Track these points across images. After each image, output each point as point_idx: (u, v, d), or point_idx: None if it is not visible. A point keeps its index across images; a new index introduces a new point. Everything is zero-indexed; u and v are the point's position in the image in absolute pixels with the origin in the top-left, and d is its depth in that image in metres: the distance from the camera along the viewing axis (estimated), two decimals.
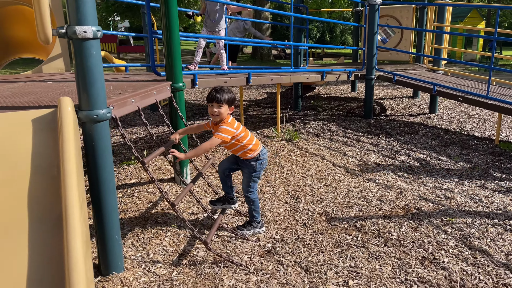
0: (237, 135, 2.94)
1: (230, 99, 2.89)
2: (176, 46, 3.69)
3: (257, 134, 6.21)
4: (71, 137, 2.08)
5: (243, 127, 3.05)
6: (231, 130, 2.89)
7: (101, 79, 2.37)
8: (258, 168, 3.06)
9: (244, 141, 2.98)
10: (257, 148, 3.04)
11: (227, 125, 2.90)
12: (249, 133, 3.06)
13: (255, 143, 3.05)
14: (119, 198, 3.81)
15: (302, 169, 4.62)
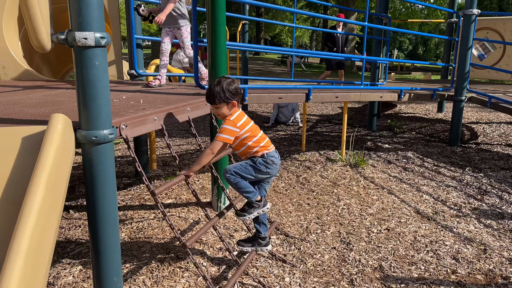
0: (242, 134, 2.51)
1: (226, 96, 2.47)
2: (221, 55, 3.27)
3: (318, 155, 5.61)
4: (47, 162, 1.72)
5: (252, 125, 2.59)
6: (232, 130, 2.48)
7: (105, 94, 2.01)
8: (259, 165, 2.55)
9: (251, 141, 2.54)
10: (265, 150, 2.57)
11: (228, 124, 2.49)
12: (259, 132, 2.61)
13: (264, 144, 2.58)
14: (149, 221, 3.48)
15: (362, 205, 3.93)
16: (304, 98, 4.30)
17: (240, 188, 2.60)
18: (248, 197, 2.63)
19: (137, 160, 2.30)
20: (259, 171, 2.57)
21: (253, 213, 2.66)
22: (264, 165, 2.56)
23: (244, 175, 2.56)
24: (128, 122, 2.31)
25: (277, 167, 2.63)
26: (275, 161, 2.60)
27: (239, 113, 2.57)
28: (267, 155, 2.57)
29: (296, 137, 6.84)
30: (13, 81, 4.14)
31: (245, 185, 2.59)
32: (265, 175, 2.61)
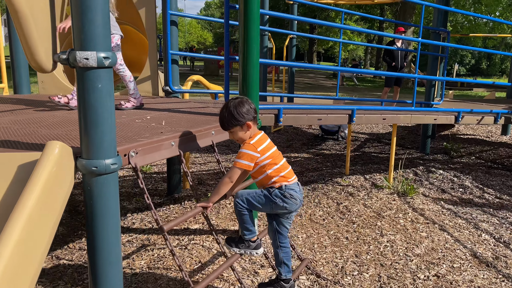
0: (262, 161, 2.24)
1: (236, 118, 2.22)
2: (253, 72, 3.01)
3: (364, 180, 5.18)
4: (31, 196, 1.54)
5: (274, 151, 2.30)
6: (252, 155, 2.21)
7: (108, 120, 1.80)
8: (274, 197, 2.26)
9: (271, 169, 2.25)
10: (284, 181, 2.27)
11: (247, 148, 2.23)
12: (281, 159, 2.31)
13: (285, 175, 2.28)
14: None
15: (409, 243, 3.49)
16: (346, 120, 3.94)
17: (242, 221, 2.35)
18: (244, 233, 2.38)
19: (146, 191, 2.08)
20: (274, 204, 2.27)
21: (240, 250, 2.41)
22: (280, 198, 2.26)
23: (255, 204, 2.29)
24: (139, 149, 2.10)
25: (297, 202, 2.31)
26: (295, 195, 2.28)
27: (261, 136, 2.30)
28: (286, 187, 2.26)
29: (341, 157, 6.43)
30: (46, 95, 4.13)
31: (247, 220, 2.33)
32: (281, 210, 2.31)
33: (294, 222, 3.86)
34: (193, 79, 4.51)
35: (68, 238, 3.46)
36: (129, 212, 4.03)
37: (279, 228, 2.40)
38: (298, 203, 2.32)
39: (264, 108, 3.46)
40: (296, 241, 3.45)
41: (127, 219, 3.86)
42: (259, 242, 2.44)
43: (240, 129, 2.25)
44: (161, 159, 2.31)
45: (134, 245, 3.34)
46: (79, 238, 3.47)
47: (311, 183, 5.03)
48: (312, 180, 5.15)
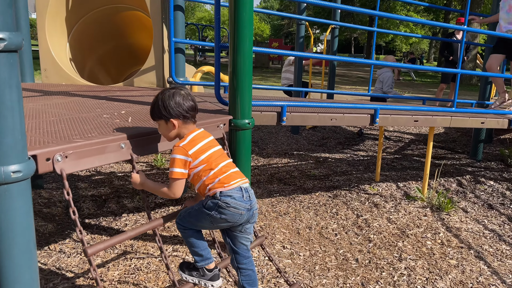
0: (195, 167, 1.88)
1: (161, 111, 1.91)
2: (245, 61, 2.56)
3: (395, 188, 4.55)
4: None
5: (212, 152, 1.93)
6: (183, 159, 1.87)
7: (8, 118, 1.45)
8: (207, 210, 1.88)
9: (206, 176, 1.87)
10: (224, 186, 1.88)
11: (176, 152, 1.89)
12: (221, 161, 1.93)
13: (222, 180, 1.88)
14: (150, 259, 2.92)
15: (432, 272, 2.89)
16: (368, 121, 3.37)
17: (189, 244, 1.99)
18: (195, 259, 1.99)
19: (72, 204, 1.72)
20: (210, 217, 1.88)
21: (193, 278, 2.02)
22: (215, 210, 1.87)
23: (193, 221, 1.94)
24: (69, 152, 1.74)
25: (239, 211, 1.89)
26: (232, 204, 1.86)
27: (194, 136, 1.94)
28: (221, 194, 1.86)
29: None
30: (48, 84, 3.94)
31: (194, 242, 1.95)
32: (223, 223, 1.91)
33: (300, 235, 3.38)
34: (203, 70, 4.13)
35: (52, 238, 3.24)
36: (126, 212, 3.75)
37: (234, 245, 2.02)
38: (244, 212, 1.90)
39: (263, 105, 3.00)
40: (296, 260, 2.98)
41: (120, 220, 3.58)
42: (217, 273, 2.03)
43: (164, 124, 1.94)
44: (106, 164, 1.95)
45: (116, 251, 3.04)
46: (63, 239, 3.23)
47: (334, 189, 4.49)
48: (336, 186, 4.61)
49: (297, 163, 5.55)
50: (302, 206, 3.99)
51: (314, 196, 4.29)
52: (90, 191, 4.22)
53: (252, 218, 1.99)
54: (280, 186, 4.57)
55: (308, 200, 4.15)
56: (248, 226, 2.01)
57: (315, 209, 3.94)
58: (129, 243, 3.16)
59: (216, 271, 2.03)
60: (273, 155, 5.94)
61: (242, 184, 1.95)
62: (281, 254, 3.06)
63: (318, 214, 3.83)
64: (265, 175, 4.97)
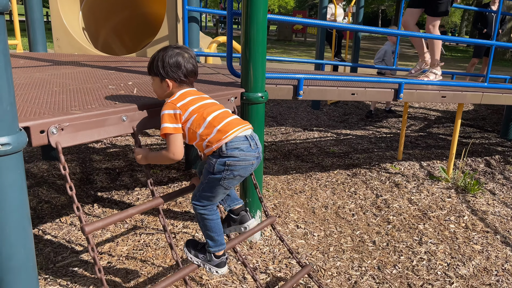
0: (187, 119, 1.76)
1: (158, 68, 1.81)
2: (258, 31, 2.39)
3: (418, 168, 4.34)
4: None
5: (203, 104, 1.81)
6: (172, 113, 1.76)
7: None
8: (217, 171, 1.74)
9: (200, 129, 1.75)
10: (222, 138, 1.72)
11: (165, 108, 1.79)
12: (214, 110, 1.80)
13: (221, 128, 1.74)
14: (160, 235, 2.85)
15: (454, 257, 2.72)
16: (391, 96, 3.15)
17: (204, 227, 1.87)
18: (208, 243, 1.89)
19: (69, 179, 1.63)
20: (224, 180, 1.76)
21: (198, 260, 1.93)
22: (225, 170, 1.74)
23: (209, 195, 1.81)
24: (65, 124, 1.64)
25: (249, 162, 1.77)
26: (242, 156, 1.74)
27: (184, 92, 1.83)
28: (227, 148, 1.72)
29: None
30: (60, 54, 3.85)
31: (213, 226, 1.84)
32: (237, 180, 1.81)
33: (315, 214, 3.25)
34: (219, 41, 3.95)
35: (64, 211, 3.21)
36: (139, 186, 3.69)
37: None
38: (254, 162, 1.80)
39: (278, 77, 2.82)
40: (310, 241, 2.86)
41: (132, 194, 3.53)
42: (224, 260, 1.93)
43: (159, 82, 1.84)
44: (106, 138, 1.84)
45: (126, 226, 2.99)
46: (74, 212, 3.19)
47: (353, 168, 4.32)
48: (356, 164, 4.44)
49: (316, 140, 5.38)
50: (319, 185, 3.85)
51: (332, 174, 4.13)
52: (104, 164, 4.18)
53: (258, 164, 1.89)
54: (297, 163, 4.43)
55: (325, 178, 4.00)
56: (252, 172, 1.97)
57: (333, 187, 3.79)
58: (139, 218, 3.10)
59: (224, 258, 1.93)
60: (292, 131, 5.78)
61: (245, 131, 1.80)
62: (295, 234, 2.95)
63: (335, 193, 3.68)
64: (282, 152, 4.83)
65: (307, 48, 19.41)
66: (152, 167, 4.13)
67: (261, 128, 2.60)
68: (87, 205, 3.29)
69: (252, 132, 1.85)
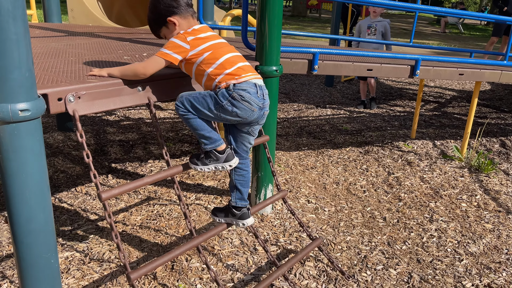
0: (195, 56, 1.79)
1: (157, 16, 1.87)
2: (274, 4, 2.36)
3: (431, 147, 4.31)
4: None
5: (216, 43, 1.84)
6: (179, 45, 1.78)
7: (14, 52, 1.36)
8: (221, 99, 1.78)
9: (210, 67, 1.79)
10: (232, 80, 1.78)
11: (176, 37, 1.82)
12: (226, 52, 1.83)
13: (233, 72, 1.79)
14: (172, 206, 2.90)
15: (464, 235, 2.73)
16: (407, 72, 3.10)
17: (194, 128, 1.86)
18: (203, 142, 1.88)
19: (85, 147, 1.65)
20: (221, 108, 1.78)
21: (209, 165, 1.92)
22: (228, 100, 1.76)
23: (200, 108, 1.80)
24: (82, 93, 1.66)
25: (253, 107, 1.80)
26: (247, 97, 1.77)
27: (198, 28, 1.86)
28: (235, 87, 1.76)
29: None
30: (74, 25, 3.85)
31: (199, 124, 1.83)
32: (231, 116, 1.81)
33: (326, 190, 3.27)
34: (233, 14, 3.91)
35: (79, 180, 3.28)
36: (152, 158, 3.74)
37: (236, 145, 1.96)
38: (256, 110, 1.82)
39: (293, 51, 2.80)
40: (321, 215, 2.89)
41: (146, 166, 3.57)
42: (230, 152, 1.93)
43: (166, 29, 1.88)
44: (121, 107, 1.86)
45: (139, 196, 3.05)
46: (89, 181, 3.26)
47: (366, 145, 4.30)
48: (368, 142, 4.42)
49: (329, 117, 5.35)
50: (331, 161, 3.85)
51: (344, 151, 4.13)
52: (118, 136, 4.23)
53: (262, 119, 1.92)
54: (309, 140, 4.43)
55: (337, 155, 4.00)
56: (256, 127, 1.96)
57: (344, 164, 3.80)
58: (153, 189, 3.15)
59: (228, 150, 1.93)
60: (304, 107, 5.75)
61: (256, 80, 1.85)
62: (305, 208, 2.97)
63: (347, 169, 3.68)
64: (295, 128, 4.82)
65: (321, 25, 19.07)
66: (166, 141, 4.16)
67: (275, 102, 2.59)
68: (102, 176, 3.34)
69: (263, 84, 1.88)
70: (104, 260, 2.30)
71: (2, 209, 2.78)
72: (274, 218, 2.80)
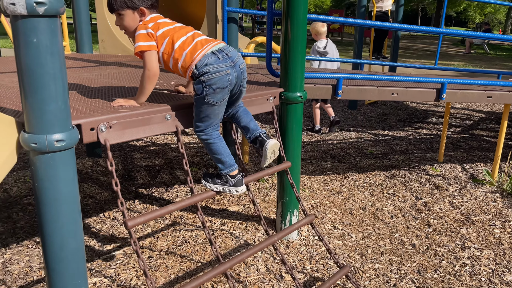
0: (160, 41, 1.85)
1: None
2: (298, 31, 2.40)
3: (460, 170, 4.20)
4: None
5: (174, 27, 1.91)
6: (145, 33, 1.85)
7: (51, 85, 1.43)
8: (198, 90, 1.85)
9: (173, 51, 1.87)
10: (191, 61, 1.84)
11: (138, 28, 1.87)
12: (184, 33, 1.89)
13: (191, 49, 1.84)
14: (198, 231, 2.91)
15: (499, 264, 2.62)
16: (433, 96, 3.07)
17: (213, 152, 1.97)
18: (218, 167, 1.99)
19: (115, 175, 1.69)
20: (208, 97, 1.87)
21: (217, 185, 2.03)
22: (204, 87, 1.85)
23: (208, 115, 1.91)
24: (113, 122, 1.71)
25: (223, 72, 1.86)
26: (212, 69, 1.84)
27: (154, 16, 1.92)
28: (196, 68, 1.84)
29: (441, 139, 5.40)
30: (105, 55, 4.00)
31: (218, 149, 1.94)
32: (220, 93, 1.89)
33: (352, 215, 3.22)
34: (257, 41, 3.99)
35: (107, 206, 3.34)
36: (178, 183, 3.78)
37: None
38: (229, 71, 1.87)
39: (317, 77, 2.82)
40: (347, 242, 2.84)
41: (172, 191, 3.62)
42: (240, 178, 2.03)
43: (131, 14, 1.88)
44: (150, 136, 1.90)
45: (165, 222, 3.08)
46: (117, 207, 3.32)
47: (392, 169, 4.24)
48: (394, 166, 4.35)
49: (354, 140, 5.32)
50: (357, 186, 3.80)
51: (370, 175, 4.07)
52: (145, 162, 4.30)
53: (243, 74, 1.97)
54: (334, 164, 4.39)
55: (363, 179, 3.95)
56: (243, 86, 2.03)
57: (370, 189, 3.74)
58: (178, 214, 3.18)
59: (239, 177, 2.04)
60: (328, 131, 5.73)
61: (211, 48, 1.88)
62: (332, 234, 2.93)
63: (373, 194, 3.63)
64: (319, 152, 4.80)
65: (343, 48, 19.15)
66: (190, 165, 4.21)
67: (299, 127, 2.60)
68: (129, 201, 3.40)
69: (222, 46, 1.92)
70: (131, 286, 2.31)
71: (33, 234, 2.86)
72: (300, 244, 2.77)
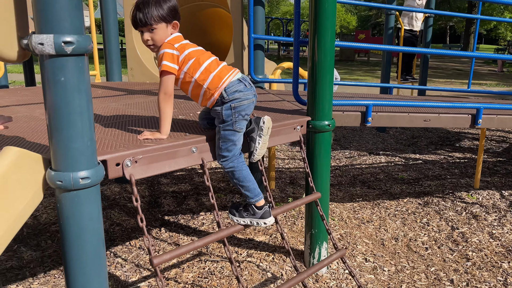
0: (184, 62, 1.81)
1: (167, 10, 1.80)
2: (326, 58, 2.35)
3: (499, 197, 3.99)
4: None
5: (198, 49, 1.87)
6: (171, 53, 1.81)
7: (78, 123, 1.42)
8: (226, 117, 1.83)
9: (196, 73, 1.81)
10: (220, 84, 1.81)
11: (164, 47, 1.82)
12: (209, 57, 1.89)
13: (218, 73, 1.81)
14: (224, 262, 2.84)
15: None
16: (468, 122, 2.94)
17: (238, 180, 1.92)
18: (246, 195, 1.94)
19: (140, 211, 1.66)
20: (235, 124, 1.87)
21: (245, 218, 1.97)
22: (233, 112, 1.85)
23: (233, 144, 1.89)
24: (138, 157, 1.69)
25: (250, 100, 1.89)
26: (243, 96, 1.86)
27: (178, 35, 1.88)
28: (227, 93, 1.84)
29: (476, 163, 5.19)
30: (133, 83, 4.07)
31: (246, 175, 1.90)
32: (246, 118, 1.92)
33: (384, 247, 3.08)
34: (283, 67, 3.96)
35: (133, 234, 3.32)
36: (204, 210, 3.74)
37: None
38: (254, 99, 1.93)
39: (345, 104, 2.75)
40: (380, 276, 2.71)
41: (198, 218, 3.58)
42: (267, 210, 1.97)
43: (165, 28, 1.82)
44: (176, 169, 1.88)
45: (191, 252, 3.02)
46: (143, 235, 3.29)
47: (425, 196, 4.07)
48: (427, 192, 4.18)
49: (383, 165, 5.17)
50: (388, 214, 3.66)
51: (402, 202, 3.92)
52: (172, 187, 4.30)
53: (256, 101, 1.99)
54: (363, 190, 4.26)
55: (394, 207, 3.80)
56: None
57: (403, 217, 3.59)
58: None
59: (266, 207, 1.98)
60: (357, 154, 5.61)
61: (236, 75, 1.90)
62: (363, 267, 2.80)
63: (406, 223, 3.47)
64: (347, 177, 4.68)
65: (370, 68, 19.01)
66: (216, 191, 4.18)
67: (328, 156, 2.52)
68: (155, 229, 3.37)
69: (241, 75, 1.92)
70: None
71: (61, 263, 2.86)
72: (329, 278, 2.65)
